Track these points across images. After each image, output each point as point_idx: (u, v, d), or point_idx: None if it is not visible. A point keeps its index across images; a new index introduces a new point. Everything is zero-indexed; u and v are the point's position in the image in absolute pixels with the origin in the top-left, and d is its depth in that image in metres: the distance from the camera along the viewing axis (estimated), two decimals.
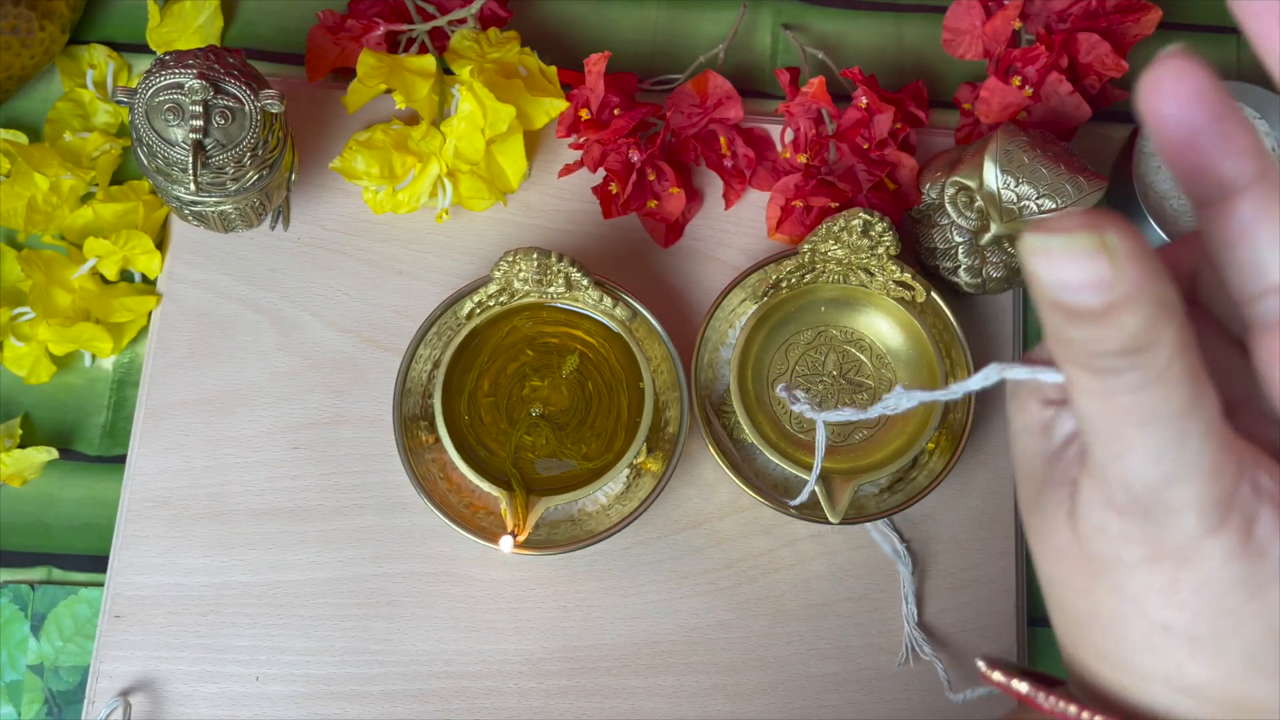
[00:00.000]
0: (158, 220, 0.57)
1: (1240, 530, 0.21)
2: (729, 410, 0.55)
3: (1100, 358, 0.20)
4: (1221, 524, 0.21)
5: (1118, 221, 0.19)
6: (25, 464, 0.54)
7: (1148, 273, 0.19)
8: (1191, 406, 0.20)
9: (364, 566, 0.54)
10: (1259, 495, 0.21)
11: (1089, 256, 0.19)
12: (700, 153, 0.59)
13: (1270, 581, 0.21)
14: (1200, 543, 0.21)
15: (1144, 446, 0.21)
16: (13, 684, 0.53)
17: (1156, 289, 0.19)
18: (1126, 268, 0.19)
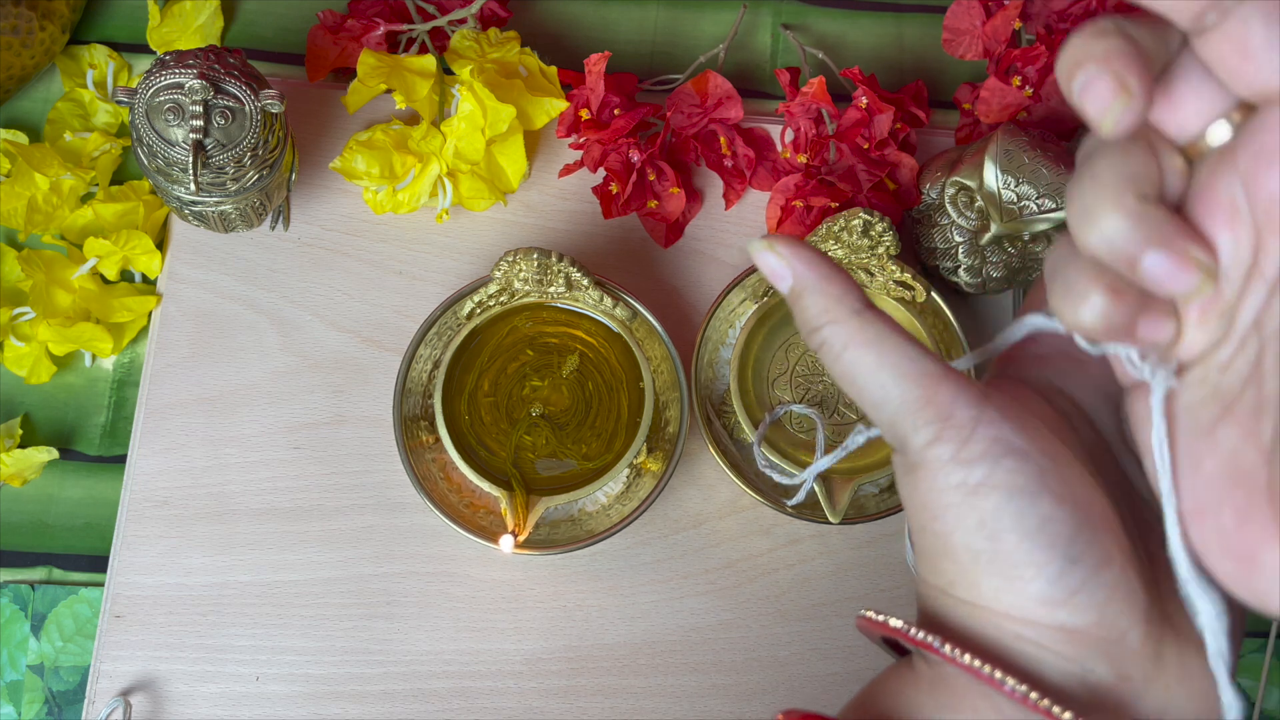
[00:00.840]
0: (158, 220, 0.57)
1: (953, 440, 0.28)
2: (729, 410, 0.55)
3: (809, 335, 0.30)
4: (936, 437, 0.28)
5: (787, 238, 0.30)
6: (25, 464, 0.54)
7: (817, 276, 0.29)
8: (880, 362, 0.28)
9: (364, 566, 0.54)
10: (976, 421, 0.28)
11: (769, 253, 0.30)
12: (700, 153, 0.59)
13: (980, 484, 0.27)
14: (923, 453, 0.28)
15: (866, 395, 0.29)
16: (13, 684, 0.53)
17: (826, 287, 0.29)
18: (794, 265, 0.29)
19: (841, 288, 0.29)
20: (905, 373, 0.28)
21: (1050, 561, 0.27)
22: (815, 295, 0.29)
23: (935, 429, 0.28)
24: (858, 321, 0.29)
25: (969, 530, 0.28)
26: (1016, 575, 0.27)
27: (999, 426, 0.28)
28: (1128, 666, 0.27)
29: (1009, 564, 0.27)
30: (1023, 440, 0.28)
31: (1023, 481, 0.27)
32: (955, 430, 0.28)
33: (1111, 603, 0.27)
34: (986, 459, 0.27)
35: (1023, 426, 0.28)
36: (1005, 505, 0.27)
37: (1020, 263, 0.54)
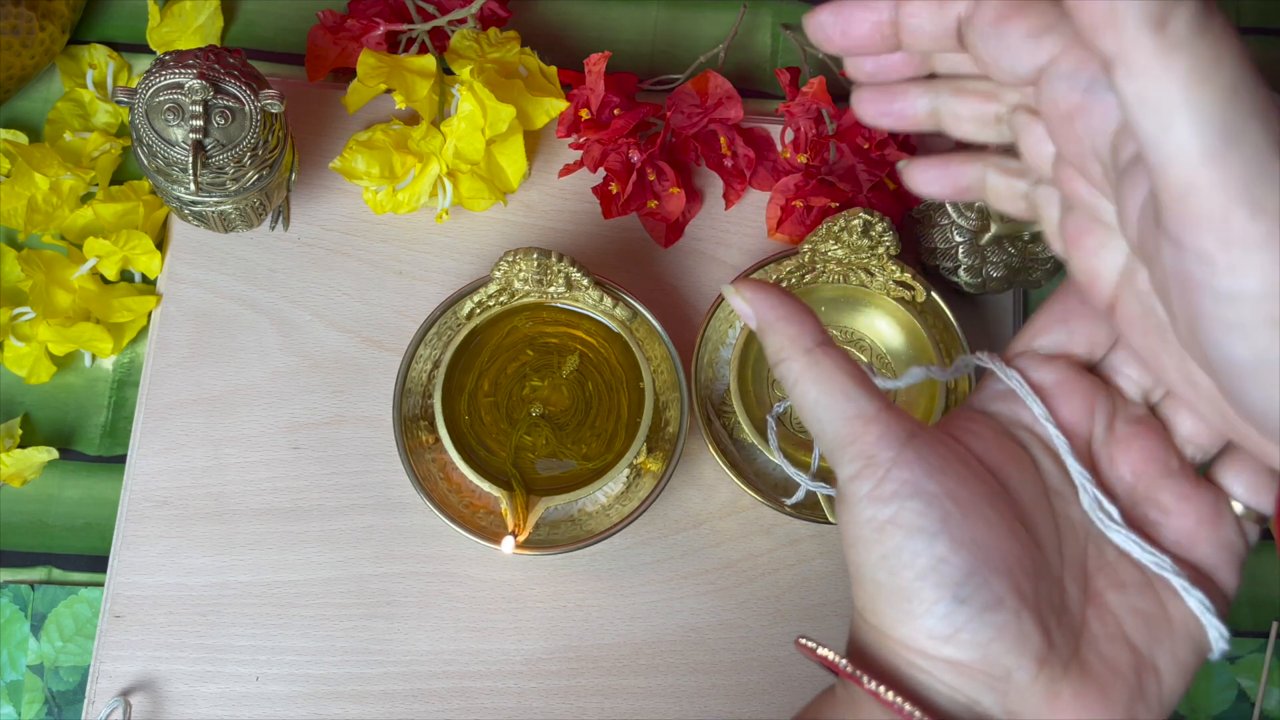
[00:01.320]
0: (158, 220, 0.57)
1: (870, 479, 0.30)
2: (729, 410, 0.55)
3: (774, 367, 0.33)
4: (857, 474, 0.30)
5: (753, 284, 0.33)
6: (25, 464, 0.54)
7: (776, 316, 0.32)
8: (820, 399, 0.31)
9: (364, 566, 0.54)
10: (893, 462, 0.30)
11: (736, 297, 0.33)
12: (700, 153, 0.59)
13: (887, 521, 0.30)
14: (845, 486, 0.31)
15: (810, 425, 0.32)
16: (13, 684, 0.54)
17: (784, 327, 0.32)
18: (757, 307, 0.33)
19: (798, 328, 0.32)
20: (840, 412, 0.31)
21: (939, 600, 0.29)
22: (774, 334, 0.32)
23: (857, 466, 0.30)
24: (807, 359, 0.32)
25: (874, 563, 0.30)
26: (909, 609, 0.29)
27: (913, 469, 0.30)
28: (1014, 703, 0.30)
29: (903, 597, 0.30)
30: (933, 484, 0.30)
31: (923, 523, 0.29)
32: (872, 469, 0.30)
33: (996, 642, 0.29)
34: (895, 499, 0.30)
35: (939, 470, 0.30)
36: (904, 543, 0.29)
37: (1020, 263, 0.54)
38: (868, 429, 0.31)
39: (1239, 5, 0.64)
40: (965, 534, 0.29)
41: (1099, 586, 0.31)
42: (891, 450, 0.30)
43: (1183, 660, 0.31)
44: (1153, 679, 0.31)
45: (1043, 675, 0.29)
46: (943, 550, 0.29)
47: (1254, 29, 0.64)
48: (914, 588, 0.29)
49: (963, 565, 0.29)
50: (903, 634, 0.30)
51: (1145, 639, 0.31)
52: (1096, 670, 0.30)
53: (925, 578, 0.29)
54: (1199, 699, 0.56)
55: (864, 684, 0.30)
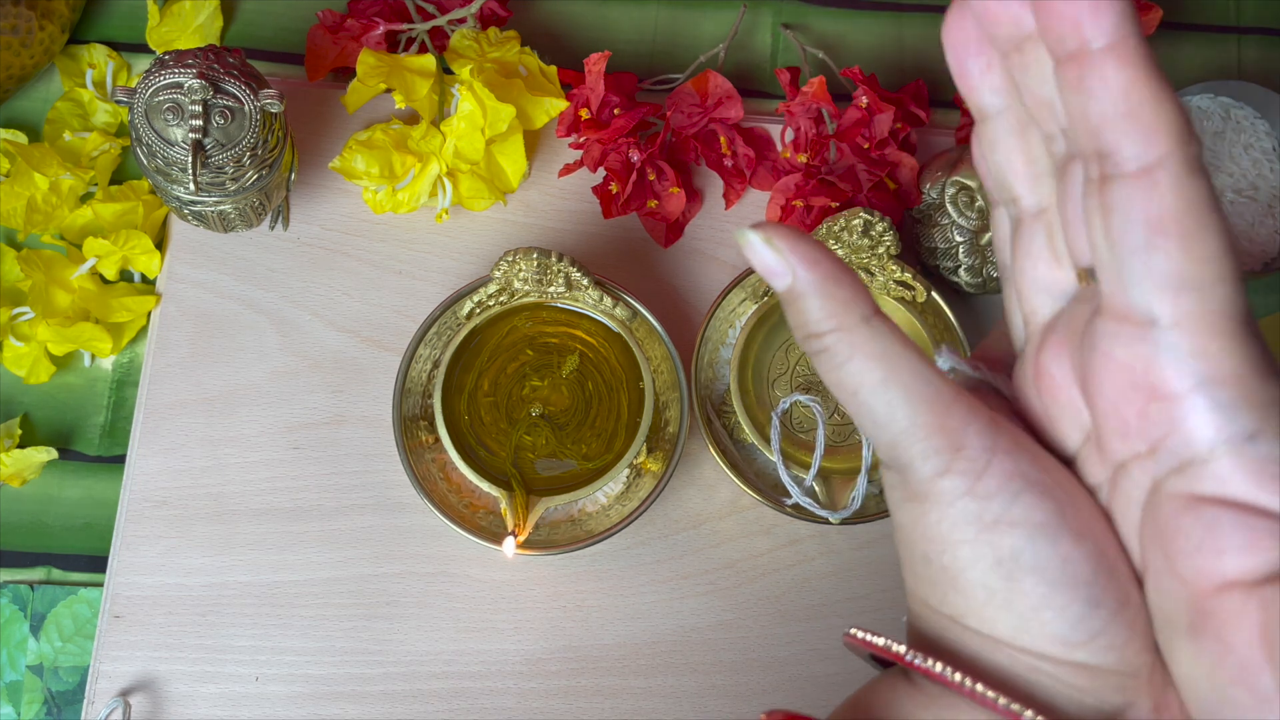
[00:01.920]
0: (157, 220, 0.57)
1: (967, 473, 0.26)
2: (729, 410, 0.55)
3: (805, 340, 0.27)
4: (947, 468, 0.26)
5: (786, 231, 0.26)
6: (25, 464, 0.54)
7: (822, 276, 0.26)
8: (889, 379, 0.26)
9: (364, 566, 0.54)
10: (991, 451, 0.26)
11: (766, 248, 0.26)
12: (700, 152, 0.59)
13: (997, 521, 0.26)
14: (932, 485, 0.26)
15: (868, 412, 0.26)
16: (12, 684, 0.53)
17: (833, 289, 0.26)
18: (794, 263, 0.26)
19: (850, 291, 0.26)
20: (916, 394, 0.26)
21: (1071, 604, 0.26)
22: (818, 298, 0.26)
23: (946, 459, 0.26)
24: (866, 331, 0.26)
25: (984, 569, 0.26)
26: (1035, 617, 0.26)
27: (1016, 459, 0.26)
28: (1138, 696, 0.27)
29: (1027, 605, 0.26)
30: (1039, 474, 0.26)
31: (1042, 519, 0.26)
32: (968, 462, 0.26)
33: (1131, 643, 0.26)
34: (1003, 494, 0.26)
35: (1037, 458, 0.26)
36: (1024, 545, 0.26)
37: None
38: (951, 414, 0.26)
39: (1239, 6, 0.64)
40: (1082, 527, 0.26)
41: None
42: (986, 438, 0.26)
43: None
44: None
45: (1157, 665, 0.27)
46: (1067, 548, 0.26)
47: (1254, 29, 0.64)
48: (1040, 593, 0.26)
49: (1088, 562, 0.26)
50: (1027, 642, 0.26)
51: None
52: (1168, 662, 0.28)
53: (1053, 582, 0.26)
54: None
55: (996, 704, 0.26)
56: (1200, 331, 0.23)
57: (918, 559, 0.28)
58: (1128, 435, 0.25)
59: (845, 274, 0.26)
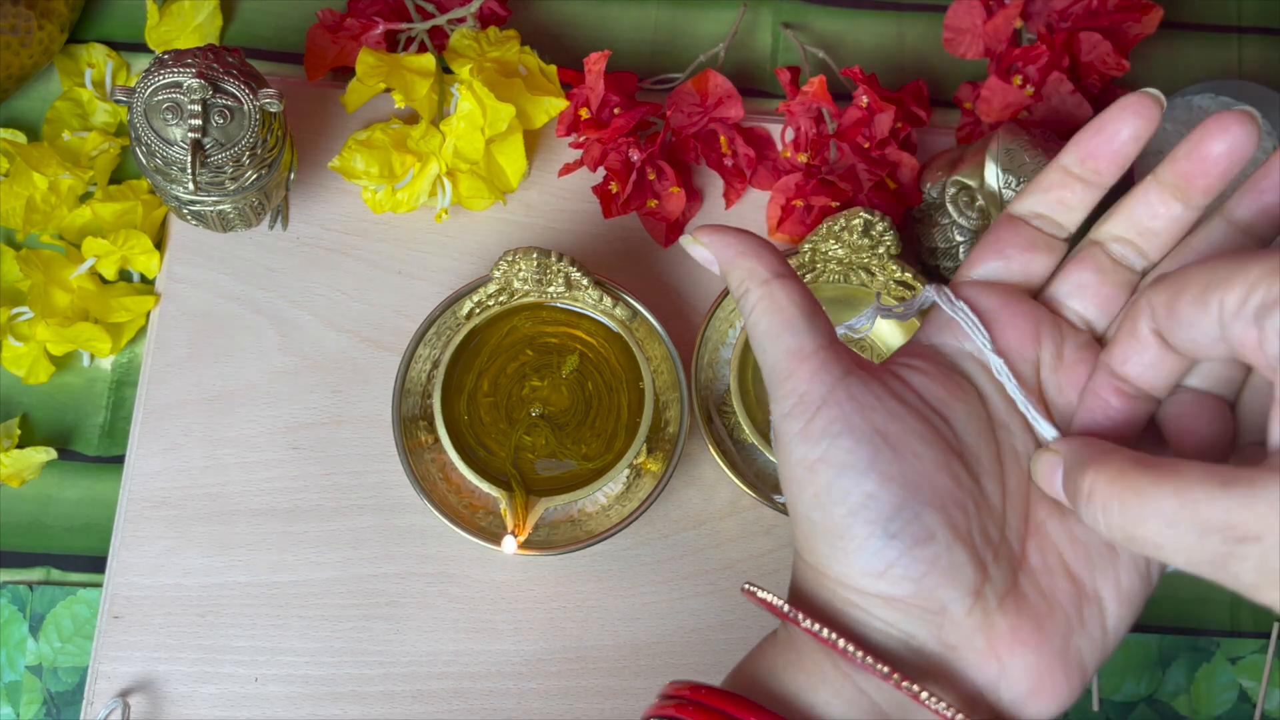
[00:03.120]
0: (156, 220, 0.57)
1: (801, 417, 0.31)
2: (729, 410, 0.55)
3: (738, 302, 0.33)
4: (790, 412, 0.31)
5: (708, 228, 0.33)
6: (24, 464, 0.54)
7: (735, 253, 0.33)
8: (770, 330, 0.32)
9: (363, 567, 0.54)
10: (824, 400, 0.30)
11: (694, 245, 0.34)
12: (700, 152, 0.59)
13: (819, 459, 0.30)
14: (779, 424, 0.31)
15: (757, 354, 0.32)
16: (11, 685, 0.53)
17: (742, 261, 0.33)
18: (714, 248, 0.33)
19: (755, 260, 0.32)
20: (782, 346, 0.31)
21: (870, 536, 0.29)
22: (734, 270, 0.33)
23: (790, 403, 0.31)
24: (764, 290, 0.32)
25: (807, 501, 0.30)
26: (841, 546, 0.30)
27: (843, 406, 0.30)
28: (950, 636, 0.30)
29: (835, 535, 0.30)
30: (862, 421, 0.30)
31: (852, 460, 0.30)
32: (804, 407, 0.31)
33: (929, 576, 0.30)
34: (825, 436, 0.30)
35: (870, 408, 0.30)
36: (834, 481, 0.30)
37: None
38: (803, 365, 0.31)
39: (1240, 5, 0.64)
40: (894, 469, 0.30)
41: (1040, 517, 0.32)
42: (823, 387, 0.31)
43: (1126, 588, 0.31)
44: (1094, 609, 0.31)
45: (978, 608, 0.30)
46: (871, 486, 0.30)
47: (1254, 29, 0.64)
48: (845, 525, 0.30)
49: (892, 500, 0.29)
50: (838, 571, 0.30)
51: (1086, 568, 0.31)
52: (1033, 602, 0.31)
53: (856, 514, 0.30)
54: (1200, 700, 0.55)
55: (801, 624, 0.30)
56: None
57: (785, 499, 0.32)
58: None
59: (752, 247, 0.33)
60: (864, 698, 0.30)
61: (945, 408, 0.32)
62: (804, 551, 0.32)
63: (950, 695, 0.30)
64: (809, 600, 0.32)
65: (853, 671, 0.30)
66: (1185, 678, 0.55)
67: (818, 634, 0.30)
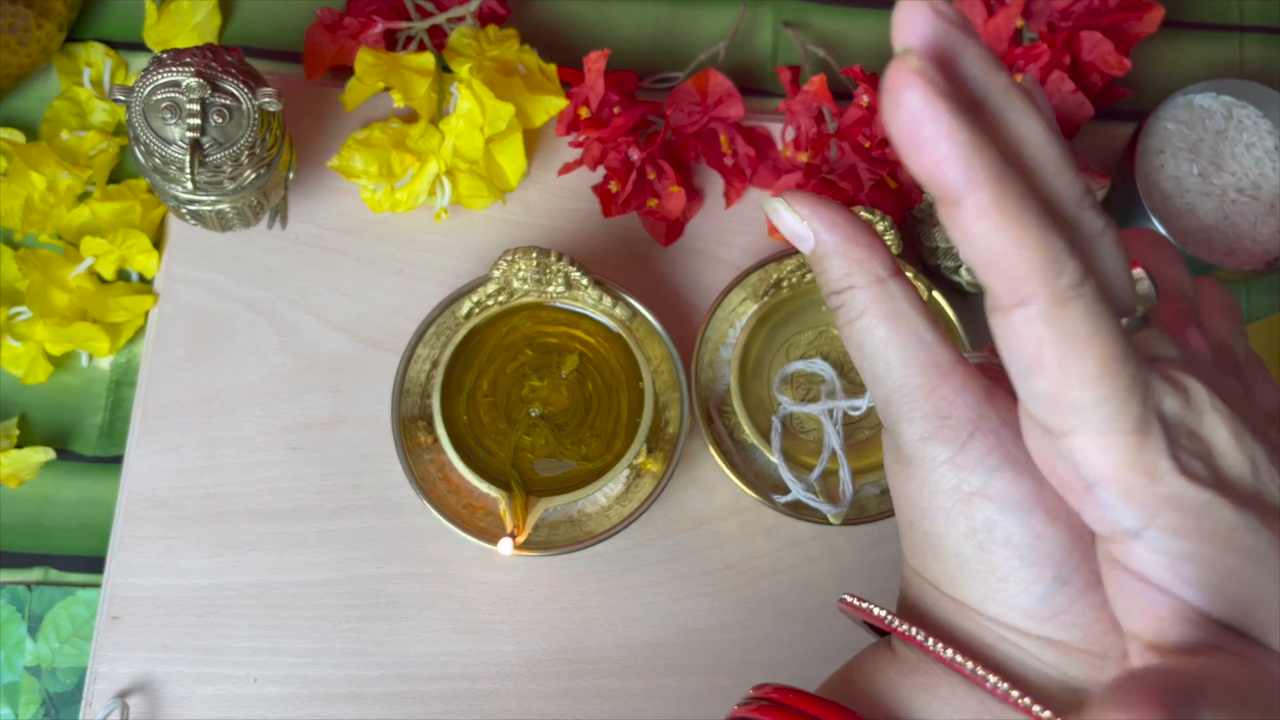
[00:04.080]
0: (155, 219, 0.57)
1: (951, 443, 0.27)
2: (729, 410, 0.55)
3: (827, 298, 0.28)
4: (932, 435, 0.27)
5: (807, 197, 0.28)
6: (22, 464, 0.54)
7: (841, 238, 0.28)
8: (891, 338, 0.27)
9: (362, 567, 0.54)
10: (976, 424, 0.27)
11: (788, 213, 0.28)
12: (701, 151, 0.58)
13: (975, 492, 0.27)
14: (916, 449, 0.27)
15: (869, 366, 0.28)
16: (10, 685, 0.53)
17: (850, 250, 0.28)
18: (815, 226, 0.28)
19: (866, 251, 0.28)
20: (913, 356, 0.27)
21: (1038, 580, 0.27)
22: (838, 258, 0.28)
23: (932, 425, 0.27)
24: (879, 290, 0.28)
25: (958, 537, 0.27)
26: (1003, 588, 0.27)
27: (999, 434, 0.27)
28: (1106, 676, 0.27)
29: (996, 576, 0.27)
30: (1020, 451, 0.27)
31: (1018, 496, 0.27)
32: (952, 431, 0.27)
33: (1098, 623, 0.27)
34: (982, 467, 0.27)
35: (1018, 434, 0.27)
36: (998, 519, 0.27)
37: None
38: (944, 382, 0.27)
39: (1242, 4, 0.64)
40: (1059, 506, 0.27)
41: None
42: (971, 410, 0.27)
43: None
44: None
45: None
46: (1040, 526, 0.27)
47: (1255, 28, 0.64)
48: (1009, 566, 0.27)
49: (1061, 541, 0.27)
50: (995, 612, 0.27)
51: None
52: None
53: (1023, 556, 0.27)
54: None
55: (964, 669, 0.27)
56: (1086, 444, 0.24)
57: (905, 522, 0.29)
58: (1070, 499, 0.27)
59: (864, 235, 0.28)
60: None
61: None
62: (944, 584, 0.28)
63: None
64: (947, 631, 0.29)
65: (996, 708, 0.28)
66: None
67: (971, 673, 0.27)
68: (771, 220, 0.29)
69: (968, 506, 0.27)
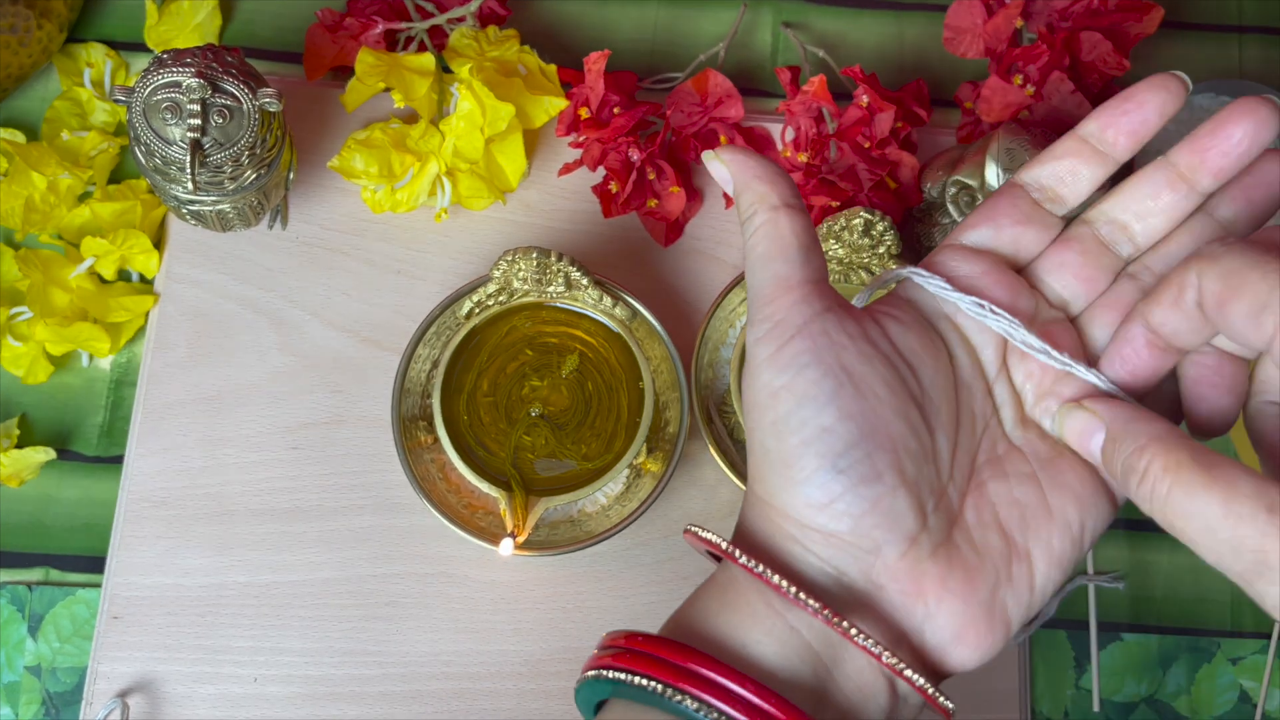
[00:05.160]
0: (155, 219, 0.57)
1: (774, 342, 0.31)
2: (729, 410, 0.55)
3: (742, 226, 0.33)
4: (765, 336, 0.31)
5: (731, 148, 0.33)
6: (23, 464, 0.54)
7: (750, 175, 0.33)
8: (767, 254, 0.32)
9: (363, 567, 0.54)
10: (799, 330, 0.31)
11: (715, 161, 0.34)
12: (701, 151, 0.59)
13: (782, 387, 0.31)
14: (753, 347, 0.32)
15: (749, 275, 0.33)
16: (10, 685, 0.53)
17: (755, 184, 0.33)
18: (731, 167, 0.33)
19: (769, 185, 0.33)
20: (774, 271, 0.32)
21: (819, 468, 0.30)
22: (746, 192, 0.33)
23: (766, 328, 0.31)
24: (770, 215, 0.32)
25: (765, 428, 0.31)
26: (790, 475, 0.30)
27: (816, 339, 0.31)
28: (881, 576, 0.31)
29: (786, 463, 0.30)
30: (832, 356, 0.31)
31: (815, 392, 0.30)
32: (779, 332, 0.31)
33: (869, 516, 0.30)
34: (793, 365, 0.31)
35: (843, 346, 0.31)
36: (794, 410, 0.30)
37: None
38: (787, 293, 0.32)
39: (1241, 5, 0.64)
40: (854, 408, 0.30)
41: (983, 477, 0.33)
42: (800, 318, 0.31)
43: (1058, 551, 0.32)
44: (1024, 568, 0.32)
45: (911, 553, 0.31)
46: (829, 420, 0.30)
47: (1255, 28, 0.64)
48: (797, 453, 0.30)
49: (846, 436, 0.30)
50: (783, 501, 0.31)
51: (1020, 528, 0.32)
52: (965, 554, 0.31)
53: (809, 445, 0.30)
54: (1201, 700, 0.55)
55: (738, 559, 0.30)
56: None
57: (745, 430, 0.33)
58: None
59: (769, 173, 0.33)
60: (795, 635, 0.30)
61: (915, 359, 0.32)
62: (754, 481, 0.32)
63: (877, 633, 0.30)
64: (750, 538, 0.32)
65: (785, 609, 0.31)
66: (1186, 678, 0.55)
67: (753, 569, 0.30)
68: (708, 168, 0.34)
69: (774, 399, 0.31)
